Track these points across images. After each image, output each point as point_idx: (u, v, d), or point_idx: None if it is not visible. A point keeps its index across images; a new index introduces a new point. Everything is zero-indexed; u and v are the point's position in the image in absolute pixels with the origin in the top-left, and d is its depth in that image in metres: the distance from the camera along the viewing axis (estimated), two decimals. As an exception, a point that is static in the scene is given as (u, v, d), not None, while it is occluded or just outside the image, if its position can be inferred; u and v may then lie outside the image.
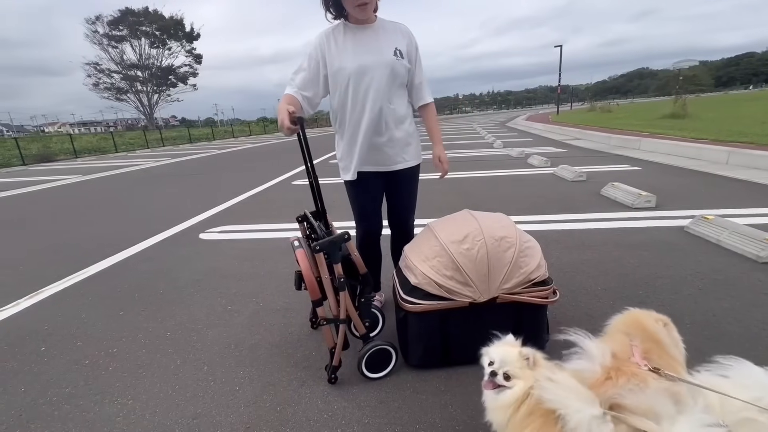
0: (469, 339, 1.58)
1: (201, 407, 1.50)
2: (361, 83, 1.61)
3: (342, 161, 1.80)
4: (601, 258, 2.65)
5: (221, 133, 32.76)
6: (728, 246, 2.62)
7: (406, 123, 1.76)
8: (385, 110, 1.66)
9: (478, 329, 1.56)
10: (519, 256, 1.50)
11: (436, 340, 1.58)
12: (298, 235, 1.74)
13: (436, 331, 1.56)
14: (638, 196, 3.78)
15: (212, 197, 5.69)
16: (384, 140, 1.71)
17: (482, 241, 1.48)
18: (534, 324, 1.61)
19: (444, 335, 1.58)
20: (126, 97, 43.39)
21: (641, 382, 0.93)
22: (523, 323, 1.57)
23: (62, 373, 1.76)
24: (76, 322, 2.22)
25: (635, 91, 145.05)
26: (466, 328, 1.57)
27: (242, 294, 2.46)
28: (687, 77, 23.87)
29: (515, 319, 1.56)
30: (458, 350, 1.60)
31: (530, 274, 1.51)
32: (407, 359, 1.66)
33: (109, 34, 40.24)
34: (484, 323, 1.55)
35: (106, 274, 2.95)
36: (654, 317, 1.15)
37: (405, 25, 1.73)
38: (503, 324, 1.56)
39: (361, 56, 1.60)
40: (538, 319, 1.62)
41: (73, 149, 17.70)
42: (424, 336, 1.59)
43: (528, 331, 1.54)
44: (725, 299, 2.01)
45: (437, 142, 1.85)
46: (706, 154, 6.06)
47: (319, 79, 1.65)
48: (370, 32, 1.64)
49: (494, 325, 1.56)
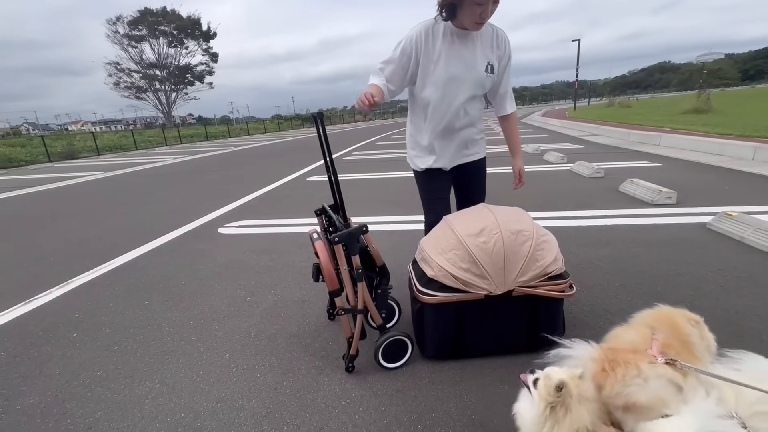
0: (485, 332, 1.61)
1: (224, 392, 1.56)
2: (449, 90, 1.66)
3: (414, 150, 1.88)
4: (618, 254, 2.61)
5: (237, 130, 33.24)
6: (752, 243, 2.56)
7: (479, 124, 1.84)
8: (462, 113, 1.72)
9: (494, 322, 1.59)
10: (535, 249, 1.50)
11: (450, 331, 1.60)
12: (317, 228, 1.79)
13: (451, 323, 1.59)
14: (658, 193, 3.70)
15: (230, 193, 5.81)
16: (458, 137, 1.78)
17: (498, 234, 1.49)
18: (549, 318, 1.61)
19: (459, 327, 1.60)
20: (145, 95, 44.46)
21: (637, 371, 0.94)
22: (538, 317, 1.58)
23: (93, 358, 1.85)
24: (105, 311, 2.33)
25: (656, 86, 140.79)
26: (482, 320, 1.58)
27: (261, 286, 2.52)
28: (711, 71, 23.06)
29: (531, 313, 1.57)
30: (473, 342, 1.62)
31: (546, 267, 1.52)
32: (423, 350, 1.69)
33: (129, 34, 41.23)
34: (500, 316, 1.58)
35: (130, 266, 3.06)
36: (686, 316, 1.13)
37: (503, 32, 1.68)
38: (519, 317, 1.58)
39: (455, 66, 1.61)
40: (554, 313, 1.62)
41: (96, 147, 18.24)
42: (439, 327, 1.61)
43: (543, 325, 1.56)
44: (748, 297, 1.97)
45: (517, 155, 1.91)
46: (731, 149, 5.87)
47: (406, 75, 1.66)
48: (469, 42, 1.61)
49: (509, 318, 1.58)
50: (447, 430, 1.31)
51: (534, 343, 1.52)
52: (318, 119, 1.52)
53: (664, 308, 1.18)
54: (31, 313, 2.36)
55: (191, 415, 1.45)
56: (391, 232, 3.41)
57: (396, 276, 1.74)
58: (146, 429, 1.40)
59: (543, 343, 1.51)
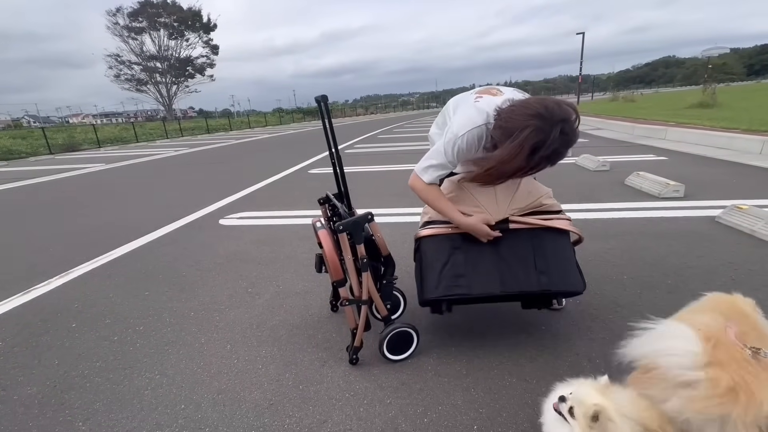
0: (487, 269, 1.49)
1: (225, 383, 1.53)
2: None
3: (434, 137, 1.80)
4: (626, 247, 2.57)
5: (238, 123, 33.09)
6: (763, 236, 2.51)
7: None
8: None
9: (496, 258, 1.50)
10: (526, 182, 1.53)
11: (449, 266, 1.49)
12: (320, 217, 1.74)
13: (448, 256, 1.50)
14: (665, 186, 3.64)
15: (231, 185, 5.76)
16: None
17: None
18: (559, 257, 1.48)
19: (458, 262, 1.49)
20: (146, 88, 44.24)
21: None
22: (546, 256, 1.47)
23: (92, 348, 1.82)
24: (105, 301, 2.29)
25: (660, 81, 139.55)
26: (482, 256, 1.50)
27: (262, 277, 2.49)
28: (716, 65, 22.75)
29: (536, 251, 1.48)
30: (474, 283, 1.48)
31: (540, 198, 1.53)
32: (424, 294, 1.52)
33: (129, 26, 40.93)
34: (501, 252, 1.50)
35: (131, 257, 3.03)
36: (748, 302, 1.04)
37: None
38: (522, 255, 1.48)
39: None
40: (562, 251, 1.50)
41: (97, 139, 18.18)
42: (439, 260, 1.50)
43: (554, 266, 1.46)
44: (761, 289, 1.93)
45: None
46: (738, 143, 5.79)
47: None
48: None
49: (512, 255, 1.48)
50: (454, 423, 1.27)
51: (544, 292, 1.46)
52: (322, 103, 1.46)
53: (722, 295, 1.08)
54: (30, 303, 2.33)
55: (192, 406, 1.42)
56: (395, 224, 3.36)
57: (399, 267, 1.70)
58: (146, 420, 1.37)
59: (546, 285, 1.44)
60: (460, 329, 1.77)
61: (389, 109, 63.55)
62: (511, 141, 1.21)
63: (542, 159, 1.22)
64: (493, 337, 1.68)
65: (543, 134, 1.17)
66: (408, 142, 10.86)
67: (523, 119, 1.20)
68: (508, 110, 1.26)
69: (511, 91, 1.46)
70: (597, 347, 1.59)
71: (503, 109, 1.29)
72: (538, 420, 1.04)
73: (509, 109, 1.26)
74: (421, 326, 1.68)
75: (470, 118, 1.37)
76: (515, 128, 1.21)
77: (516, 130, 1.20)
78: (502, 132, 1.26)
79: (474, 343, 1.66)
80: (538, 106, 1.20)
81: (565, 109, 1.20)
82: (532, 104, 1.22)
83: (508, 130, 1.23)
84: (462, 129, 1.36)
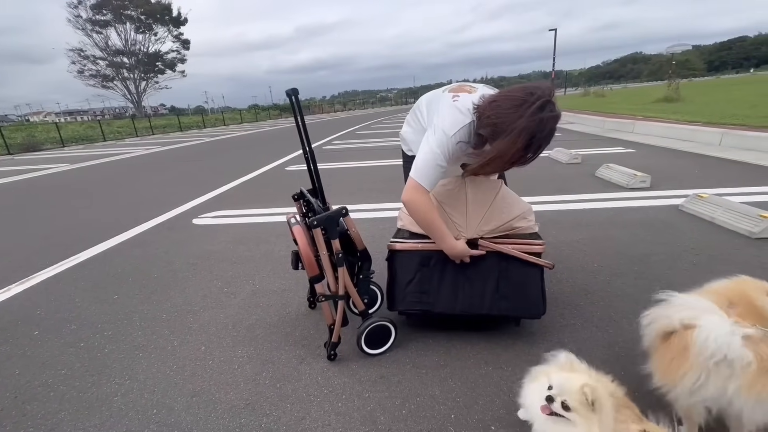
0: (451, 288, 1.55)
1: (200, 385, 1.49)
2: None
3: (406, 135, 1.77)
4: (596, 236, 2.66)
5: (212, 121, 32.16)
6: (722, 223, 2.65)
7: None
8: None
9: (461, 278, 1.54)
10: (500, 200, 1.53)
11: (416, 283, 1.57)
12: (295, 214, 1.72)
13: (416, 273, 1.57)
14: (633, 177, 3.79)
15: (205, 183, 5.61)
16: None
17: (462, 182, 1.55)
18: (524, 283, 1.50)
19: (425, 279, 1.56)
20: (112, 84, 42.34)
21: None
22: (511, 281, 1.50)
23: (57, 356, 1.74)
24: (70, 307, 2.19)
25: (628, 76, 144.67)
26: (448, 275, 1.54)
27: (238, 276, 2.43)
28: (680, 62, 23.77)
29: (501, 275, 1.50)
30: (439, 299, 1.55)
31: (512, 221, 1.52)
32: (391, 304, 1.64)
33: (93, 19, 39.01)
34: (467, 272, 1.53)
35: (98, 260, 2.90)
36: (763, 287, 1.07)
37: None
38: (487, 276, 1.52)
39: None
40: (527, 277, 1.50)
41: (60, 138, 17.27)
42: (406, 276, 1.58)
43: (518, 292, 1.50)
44: (720, 274, 2.00)
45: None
46: (700, 136, 6.08)
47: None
48: None
49: (478, 275, 1.52)
50: (432, 413, 1.29)
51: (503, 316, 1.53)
52: (293, 97, 1.44)
53: (742, 278, 1.13)
54: (-13, 312, 2.20)
55: (164, 410, 1.37)
56: (373, 219, 3.36)
57: (377, 262, 1.70)
58: (115, 426, 1.31)
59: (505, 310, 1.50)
60: (438, 321, 1.78)
61: (367, 105, 63.29)
62: (506, 135, 1.23)
63: (539, 142, 1.25)
64: (469, 328, 1.71)
65: (534, 120, 1.20)
66: (386, 137, 10.85)
67: (513, 111, 1.22)
68: (494, 105, 1.27)
69: (483, 87, 1.48)
70: (569, 332, 1.64)
71: (484, 105, 1.30)
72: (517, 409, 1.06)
73: (494, 105, 1.27)
74: (399, 320, 1.69)
75: (456, 118, 1.38)
76: (508, 122, 1.22)
77: (508, 123, 1.22)
78: (494, 128, 1.27)
79: (451, 334, 1.68)
80: (521, 93, 1.23)
81: (545, 89, 1.24)
82: (516, 94, 1.25)
83: (500, 125, 1.24)
84: (451, 129, 1.36)
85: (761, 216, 2.45)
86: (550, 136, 1.27)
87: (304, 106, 1.96)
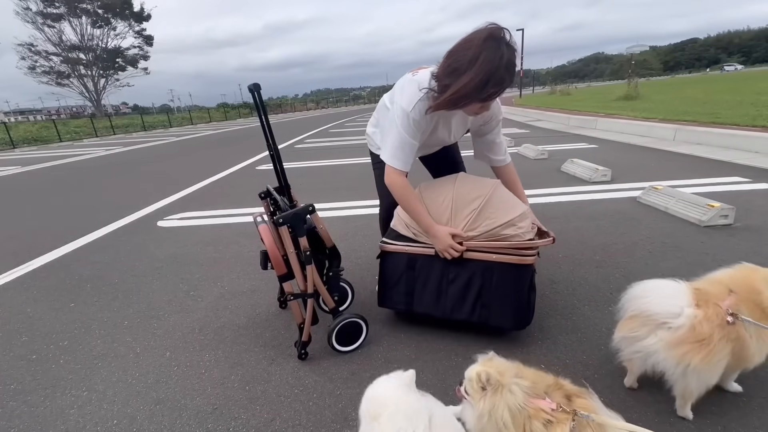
0: (434, 292, 1.57)
1: (164, 392, 1.43)
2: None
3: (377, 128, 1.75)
4: (561, 228, 2.75)
5: (179, 120, 31.00)
6: (675, 213, 2.81)
7: None
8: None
9: (445, 282, 1.56)
10: (486, 206, 1.47)
11: (402, 284, 1.62)
12: (262, 212, 1.68)
13: (401, 274, 1.61)
14: (595, 171, 3.96)
15: (170, 185, 5.39)
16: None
17: (450, 191, 1.54)
18: (508, 293, 1.47)
19: (410, 281, 1.61)
20: (68, 81, 39.73)
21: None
22: (495, 290, 1.48)
23: (5, 370, 1.62)
24: (21, 317, 2.05)
25: (592, 75, 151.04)
26: (433, 278, 1.57)
27: (206, 279, 2.36)
28: (638, 62, 25.09)
29: (485, 283, 1.49)
30: (424, 303, 1.59)
31: (499, 228, 1.45)
32: (379, 301, 1.72)
33: (44, 12, 36.53)
34: (451, 276, 1.55)
35: (52, 267, 2.73)
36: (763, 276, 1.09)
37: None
38: (471, 282, 1.52)
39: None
40: (513, 286, 1.47)
41: (10, 139, 16.10)
42: (392, 277, 1.64)
43: (500, 301, 1.49)
44: (672, 260, 2.16)
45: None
46: (656, 131, 6.43)
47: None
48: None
49: (462, 281, 1.52)
50: (403, 407, 1.29)
51: (481, 323, 1.53)
52: (254, 93, 1.40)
53: (745, 267, 1.14)
54: (-76, 327, 2.02)
55: (126, 420, 1.31)
56: (344, 217, 3.34)
57: (350, 260, 1.70)
58: (71, 441, 1.24)
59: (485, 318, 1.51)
60: (410, 316, 1.79)
61: (341, 103, 62.82)
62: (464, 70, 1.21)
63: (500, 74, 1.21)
64: (440, 321, 1.72)
65: (486, 47, 1.18)
66: (359, 136, 10.80)
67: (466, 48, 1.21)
68: (449, 54, 1.27)
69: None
70: (535, 320, 1.68)
71: (441, 63, 1.30)
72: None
73: (449, 54, 1.27)
74: (370, 316, 1.69)
75: (412, 91, 1.39)
76: (463, 60, 1.21)
77: (464, 61, 1.21)
78: (454, 72, 1.24)
79: (422, 328, 1.70)
80: (472, 33, 1.23)
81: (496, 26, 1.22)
82: (467, 36, 1.24)
83: (458, 67, 1.23)
84: (409, 104, 1.38)
85: (709, 206, 2.62)
86: (511, 68, 1.22)
87: (275, 104, 1.94)
